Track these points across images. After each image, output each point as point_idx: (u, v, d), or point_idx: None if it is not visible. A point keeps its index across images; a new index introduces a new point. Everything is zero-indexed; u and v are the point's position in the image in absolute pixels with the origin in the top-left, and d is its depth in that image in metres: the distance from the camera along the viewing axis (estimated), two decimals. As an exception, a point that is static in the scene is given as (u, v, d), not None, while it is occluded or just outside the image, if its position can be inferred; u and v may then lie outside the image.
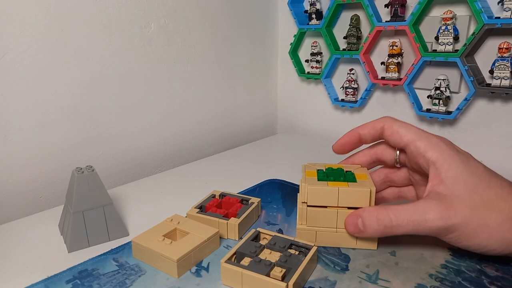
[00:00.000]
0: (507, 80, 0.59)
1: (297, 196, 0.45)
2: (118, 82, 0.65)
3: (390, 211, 0.37)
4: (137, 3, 0.65)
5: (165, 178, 0.64)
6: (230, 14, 0.80)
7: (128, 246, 0.43)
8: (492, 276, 0.37)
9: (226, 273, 0.36)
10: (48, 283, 0.37)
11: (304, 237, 0.42)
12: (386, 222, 0.37)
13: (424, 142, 0.38)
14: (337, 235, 0.42)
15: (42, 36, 0.56)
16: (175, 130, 0.76)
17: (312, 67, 0.85)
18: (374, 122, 0.43)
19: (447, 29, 0.63)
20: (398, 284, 0.36)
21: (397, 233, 0.37)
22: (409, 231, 0.37)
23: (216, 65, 0.80)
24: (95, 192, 0.43)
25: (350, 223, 0.40)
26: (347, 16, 0.77)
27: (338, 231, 0.42)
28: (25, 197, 0.58)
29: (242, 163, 0.71)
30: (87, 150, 0.64)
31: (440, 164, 0.37)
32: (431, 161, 0.37)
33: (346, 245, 0.42)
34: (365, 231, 0.38)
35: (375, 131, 0.43)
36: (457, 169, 0.36)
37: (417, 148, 0.39)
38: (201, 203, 0.49)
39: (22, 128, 0.56)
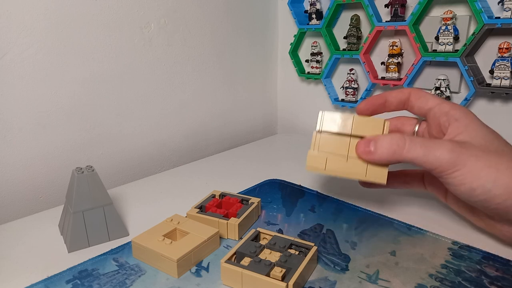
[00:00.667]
0: (507, 80, 0.59)
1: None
2: (118, 82, 0.65)
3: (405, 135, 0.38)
4: (137, 3, 0.65)
5: (165, 178, 0.64)
6: (230, 14, 0.80)
7: (128, 246, 0.43)
8: (492, 276, 0.37)
9: (226, 273, 0.36)
10: (48, 283, 0.37)
11: (314, 163, 0.42)
12: (400, 142, 0.37)
13: (449, 105, 0.40)
14: (347, 164, 0.41)
15: (42, 36, 0.56)
16: (175, 130, 0.76)
17: (312, 67, 0.85)
18: (402, 89, 0.44)
19: (447, 29, 0.63)
20: (398, 284, 0.36)
21: (407, 157, 0.37)
22: (418, 157, 0.36)
23: (216, 65, 0.80)
24: (95, 192, 0.43)
25: (361, 145, 0.40)
26: (347, 16, 0.77)
27: (349, 160, 0.41)
28: (25, 197, 0.58)
29: (242, 163, 0.71)
30: (87, 150, 0.64)
31: (462, 120, 0.38)
32: (454, 118, 0.38)
33: (355, 176, 0.41)
34: (375, 152, 0.38)
35: (402, 94, 0.43)
36: (478, 125, 0.37)
37: (441, 109, 0.40)
38: (201, 203, 0.49)
39: (22, 128, 0.57)
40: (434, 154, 0.36)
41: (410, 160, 0.37)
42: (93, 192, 0.43)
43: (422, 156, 0.36)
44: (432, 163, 0.36)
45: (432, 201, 0.53)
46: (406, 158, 0.37)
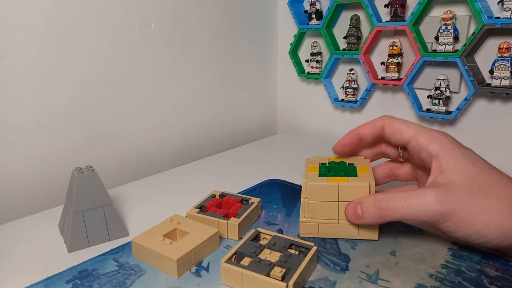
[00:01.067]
0: (507, 80, 0.59)
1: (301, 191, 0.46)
2: (118, 82, 0.65)
3: (387, 195, 0.38)
4: (137, 3, 0.65)
5: (165, 178, 0.64)
6: (230, 14, 0.80)
7: (128, 246, 0.43)
8: (492, 276, 0.37)
9: (226, 273, 0.36)
10: (48, 283, 0.37)
11: (307, 229, 0.44)
12: (382, 204, 0.37)
13: (426, 137, 0.39)
14: (339, 226, 0.43)
15: (42, 36, 0.56)
16: (175, 130, 0.76)
17: (312, 67, 0.85)
18: (373, 121, 0.43)
19: (447, 29, 0.63)
20: (398, 284, 0.36)
21: (393, 217, 0.37)
22: (404, 215, 0.36)
23: (216, 65, 0.80)
24: (95, 192, 0.43)
25: (350, 209, 0.40)
26: (347, 16, 0.77)
27: (340, 223, 0.43)
28: (25, 197, 0.58)
29: (242, 163, 0.71)
30: (87, 150, 0.64)
31: (441, 156, 0.37)
32: (434, 154, 0.38)
33: (348, 236, 0.43)
34: (363, 216, 0.39)
35: (375, 129, 0.43)
36: (457, 160, 0.37)
37: (419, 143, 0.39)
38: (201, 203, 0.49)
39: (22, 128, 0.57)
40: (419, 210, 0.35)
41: (398, 219, 0.37)
42: (93, 192, 0.43)
43: (407, 213, 0.36)
44: (420, 217, 0.36)
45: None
46: (394, 218, 0.37)
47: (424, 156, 0.39)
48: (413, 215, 0.36)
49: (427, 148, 0.38)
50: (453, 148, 0.37)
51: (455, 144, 0.38)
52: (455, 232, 0.36)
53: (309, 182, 0.42)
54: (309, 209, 0.43)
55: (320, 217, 0.43)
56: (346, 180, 0.42)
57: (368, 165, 0.45)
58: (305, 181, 0.42)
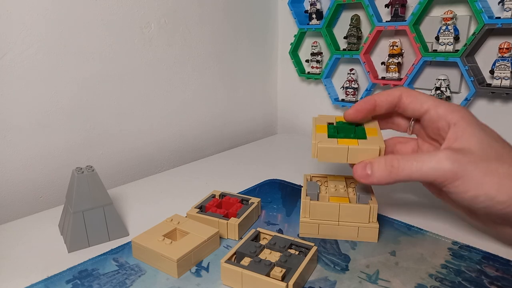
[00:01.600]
0: (507, 80, 0.59)
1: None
2: (118, 82, 0.65)
3: (398, 155, 0.37)
4: (137, 3, 0.65)
5: (165, 178, 0.64)
6: (230, 14, 0.80)
7: (128, 246, 0.43)
8: (492, 276, 0.37)
9: (226, 273, 0.36)
10: (48, 283, 0.37)
11: (307, 230, 0.44)
12: (394, 162, 0.37)
13: (445, 106, 0.39)
14: (339, 228, 0.43)
15: (42, 36, 0.56)
16: (175, 130, 0.76)
17: (312, 67, 0.85)
18: (390, 90, 0.42)
19: (448, 29, 0.63)
20: (398, 284, 0.36)
21: (403, 175, 0.36)
22: (414, 172, 0.36)
23: (216, 65, 0.80)
24: (95, 192, 0.43)
25: (359, 169, 0.39)
26: (348, 16, 0.77)
27: (340, 224, 0.43)
28: (25, 197, 0.58)
29: (242, 163, 0.71)
30: (87, 150, 0.64)
31: (460, 124, 0.37)
32: (453, 122, 0.37)
33: (348, 238, 0.44)
34: (372, 175, 0.38)
35: (392, 98, 0.42)
36: (474, 129, 0.36)
37: (438, 113, 0.39)
38: (201, 203, 0.49)
39: (22, 128, 0.57)
40: (430, 167, 0.35)
41: (407, 176, 0.36)
42: (93, 192, 0.43)
43: (417, 170, 0.36)
44: (430, 175, 0.35)
45: (432, 201, 0.53)
46: (403, 176, 0.36)
47: (442, 125, 0.38)
48: (422, 172, 0.35)
49: (447, 117, 0.38)
50: (472, 119, 0.37)
51: (473, 116, 0.38)
52: (463, 192, 0.34)
53: (318, 144, 0.41)
54: (310, 209, 0.43)
55: (320, 217, 0.43)
56: (356, 143, 0.40)
57: (376, 126, 0.43)
58: (314, 142, 0.41)
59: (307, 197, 0.44)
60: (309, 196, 0.44)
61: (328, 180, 0.48)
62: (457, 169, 0.34)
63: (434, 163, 0.35)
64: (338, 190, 0.45)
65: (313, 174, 0.50)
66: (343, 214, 0.43)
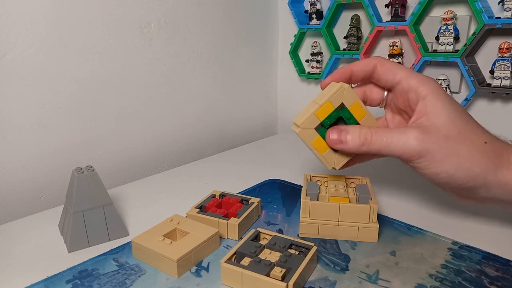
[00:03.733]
0: (507, 80, 0.59)
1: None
2: (118, 82, 0.65)
3: (371, 128, 0.40)
4: (137, 3, 0.65)
5: (165, 178, 0.64)
6: (230, 14, 0.80)
7: (128, 246, 0.43)
8: (492, 276, 0.37)
9: (226, 273, 0.36)
10: (48, 283, 0.37)
11: (307, 230, 0.44)
12: (367, 135, 0.39)
13: (417, 79, 0.40)
14: (339, 228, 0.43)
15: (42, 36, 0.56)
16: (175, 130, 0.76)
17: (313, 67, 0.85)
18: (366, 60, 0.44)
19: (448, 29, 0.63)
20: (398, 284, 0.36)
21: (373, 148, 0.39)
22: (382, 147, 0.38)
23: (216, 65, 0.80)
24: (95, 192, 0.43)
25: (334, 133, 0.41)
26: (348, 16, 0.77)
27: (340, 224, 0.43)
28: (25, 197, 0.58)
29: (242, 163, 0.71)
30: (87, 150, 0.64)
31: (429, 99, 0.39)
32: (422, 95, 0.39)
33: (348, 238, 0.44)
34: (346, 143, 0.40)
35: (368, 67, 0.43)
36: (443, 104, 0.38)
37: (409, 85, 0.40)
38: (201, 203, 0.49)
39: (22, 128, 0.57)
40: (397, 145, 0.37)
41: (377, 150, 0.39)
42: (93, 192, 0.43)
43: (386, 146, 0.38)
44: (398, 152, 0.38)
45: (432, 201, 0.53)
46: (373, 149, 0.39)
47: (411, 98, 0.40)
48: (390, 149, 0.38)
49: (417, 90, 0.39)
50: (440, 92, 0.39)
51: (441, 89, 0.40)
52: (425, 169, 0.37)
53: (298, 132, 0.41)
54: (310, 209, 0.43)
55: (320, 217, 0.43)
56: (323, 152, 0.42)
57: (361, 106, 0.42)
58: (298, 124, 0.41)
59: (307, 197, 0.44)
60: (309, 196, 0.44)
61: (328, 180, 0.48)
62: (422, 148, 0.37)
63: (402, 141, 0.37)
64: (338, 190, 0.45)
65: (313, 174, 0.50)
66: (343, 214, 0.43)
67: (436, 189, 0.56)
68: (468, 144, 0.37)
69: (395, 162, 0.68)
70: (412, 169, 0.40)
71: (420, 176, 0.54)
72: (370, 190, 0.45)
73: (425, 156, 0.37)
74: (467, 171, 0.36)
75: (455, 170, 0.36)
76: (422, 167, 0.38)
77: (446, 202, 0.53)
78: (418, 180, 0.60)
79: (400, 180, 0.60)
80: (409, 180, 0.60)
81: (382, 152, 0.38)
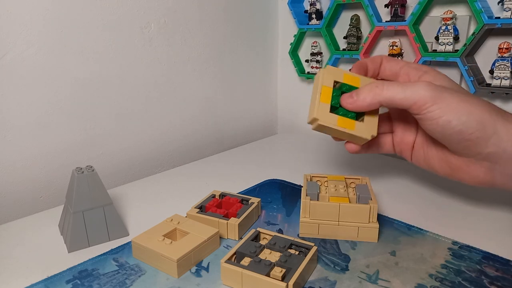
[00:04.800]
0: (507, 80, 0.59)
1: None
2: (118, 82, 0.65)
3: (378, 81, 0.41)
4: (137, 3, 0.65)
5: (165, 178, 0.64)
6: (230, 14, 0.80)
7: (128, 246, 0.43)
8: (492, 276, 0.37)
9: (226, 273, 0.36)
10: (48, 283, 0.37)
11: (307, 230, 0.44)
12: (378, 85, 0.40)
13: (417, 64, 0.45)
14: (339, 228, 0.43)
15: (42, 36, 0.56)
16: (175, 130, 0.76)
17: (312, 67, 0.85)
18: (373, 58, 0.46)
19: (447, 29, 0.63)
20: (398, 284, 0.36)
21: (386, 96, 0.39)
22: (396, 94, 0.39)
23: (216, 65, 0.80)
24: (95, 192, 0.43)
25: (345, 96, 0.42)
26: (347, 16, 0.77)
27: (340, 224, 0.43)
28: (25, 197, 0.58)
29: (242, 163, 0.71)
30: (87, 150, 0.64)
31: (430, 72, 0.43)
32: (424, 70, 0.43)
33: (348, 238, 0.44)
34: (357, 98, 0.41)
35: (376, 64, 0.46)
36: (444, 76, 0.43)
37: (410, 66, 0.44)
38: (201, 203, 0.49)
39: (22, 128, 0.57)
40: (412, 89, 0.38)
41: (390, 98, 0.39)
42: (93, 192, 0.43)
43: (400, 92, 0.38)
44: (411, 97, 0.38)
45: (432, 201, 0.53)
46: (386, 97, 0.39)
47: (414, 74, 0.43)
48: (405, 94, 0.38)
49: (419, 67, 0.44)
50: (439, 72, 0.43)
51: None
52: (438, 117, 0.37)
53: (319, 121, 0.41)
54: (310, 209, 0.43)
55: (320, 217, 0.43)
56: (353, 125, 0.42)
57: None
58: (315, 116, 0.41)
59: (307, 197, 0.44)
60: (309, 196, 0.44)
61: (328, 180, 0.48)
62: (435, 95, 0.37)
63: (416, 88, 0.38)
64: (338, 190, 0.45)
65: (313, 174, 0.50)
66: (343, 214, 0.43)
67: (436, 189, 0.57)
68: (474, 97, 0.39)
69: (395, 162, 0.68)
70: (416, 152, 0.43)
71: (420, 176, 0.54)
72: (370, 190, 0.45)
73: (438, 102, 0.37)
74: (478, 117, 0.37)
75: (467, 116, 0.37)
76: (435, 116, 0.37)
77: (446, 202, 0.53)
78: (418, 180, 0.60)
79: (400, 180, 0.60)
80: (409, 180, 0.60)
81: (395, 99, 0.39)
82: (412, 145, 0.47)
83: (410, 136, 0.47)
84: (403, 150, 0.47)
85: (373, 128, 0.42)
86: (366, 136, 0.42)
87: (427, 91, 0.37)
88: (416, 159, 0.47)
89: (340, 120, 0.42)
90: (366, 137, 0.42)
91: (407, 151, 0.47)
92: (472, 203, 0.52)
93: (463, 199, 0.53)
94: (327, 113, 0.41)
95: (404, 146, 0.47)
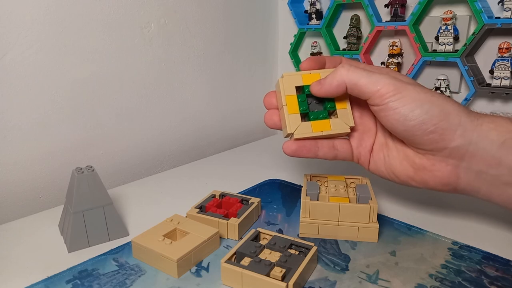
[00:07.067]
0: (507, 80, 0.59)
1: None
2: (118, 82, 0.65)
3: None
4: (137, 3, 0.65)
5: (165, 178, 0.64)
6: (230, 14, 0.80)
7: (128, 246, 0.43)
8: (492, 276, 0.37)
9: (226, 273, 0.36)
10: (48, 283, 0.37)
11: (307, 230, 0.44)
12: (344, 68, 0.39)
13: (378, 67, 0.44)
14: (339, 228, 0.43)
15: (42, 36, 0.56)
16: (175, 130, 0.76)
17: (312, 67, 0.84)
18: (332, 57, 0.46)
19: (447, 29, 0.63)
20: (398, 284, 0.36)
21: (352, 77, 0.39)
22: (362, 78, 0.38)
23: (216, 65, 0.80)
24: (95, 192, 0.43)
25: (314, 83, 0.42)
26: (347, 16, 0.77)
27: (340, 224, 0.43)
28: (25, 197, 0.58)
29: (242, 163, 0.71)
30: (87, 150, 0.64)
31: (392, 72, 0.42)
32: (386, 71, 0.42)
33: (348, 238, 0.44)
34: (324, 82, 0.40)
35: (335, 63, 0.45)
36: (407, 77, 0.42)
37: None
38: (201, 203, 0.49)
39: (22, 128, 0.56)
40: (377, 76, 0.38)
41: (355, 80, 0.39)
42: (93, 192, 0.43)
43: (366, 76, 0.38)
44: (376, 83, 0.38)
45: (432, 201, 0.53)
46: (352, 78, 0.39)
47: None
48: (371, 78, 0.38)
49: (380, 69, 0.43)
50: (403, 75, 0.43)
51: None
52: (401, 106, 0.37)
53: (295, 134, 0.41)
54: (310, 209, 0.43)
55: (320, 217, 0.43)
56: (328, 125, 0.41)
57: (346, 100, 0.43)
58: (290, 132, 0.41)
59: (307, 197, 0.44)
60: (309, 196, 0.44)
61: (328, 180, 0.48)
62: (399, 85, 0.37)
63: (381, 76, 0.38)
64: (338, 190, 0.45)
65: (313, 174, 0.50)
66: (343, 214, 0.43)
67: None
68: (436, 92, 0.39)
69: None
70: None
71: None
72: (370, 190, 0.45)
73: (401, 91, 0.37)
74: (441, 107, 0.36)
75: (429, 105, 0.36)
76: (398, 105, 0.37)
77: (446, 202, 0.53)
78: (418, 180, 0.60)
79: (400, 180, 0.60)
80: (409, 180, 0.60)
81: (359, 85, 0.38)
82: (371, 147, 0.44)
83: (368, 138, 0.44)
84: (361, 154, 0.45)
85: (349, 119, 0.42)
86: (345, 129, 0.42)
87: (391, 80, 0.38)
88: (375, 165, 0.44)
89: (314, 125, 0.41)
90: (345, 130, 0.42)
91: (365, 156, 0.44)
92: (472, 203, 0.52)
93: (463, 199, 0.53)
94: (300, 124, 0.41)
95: (362, 150, 0.44)
